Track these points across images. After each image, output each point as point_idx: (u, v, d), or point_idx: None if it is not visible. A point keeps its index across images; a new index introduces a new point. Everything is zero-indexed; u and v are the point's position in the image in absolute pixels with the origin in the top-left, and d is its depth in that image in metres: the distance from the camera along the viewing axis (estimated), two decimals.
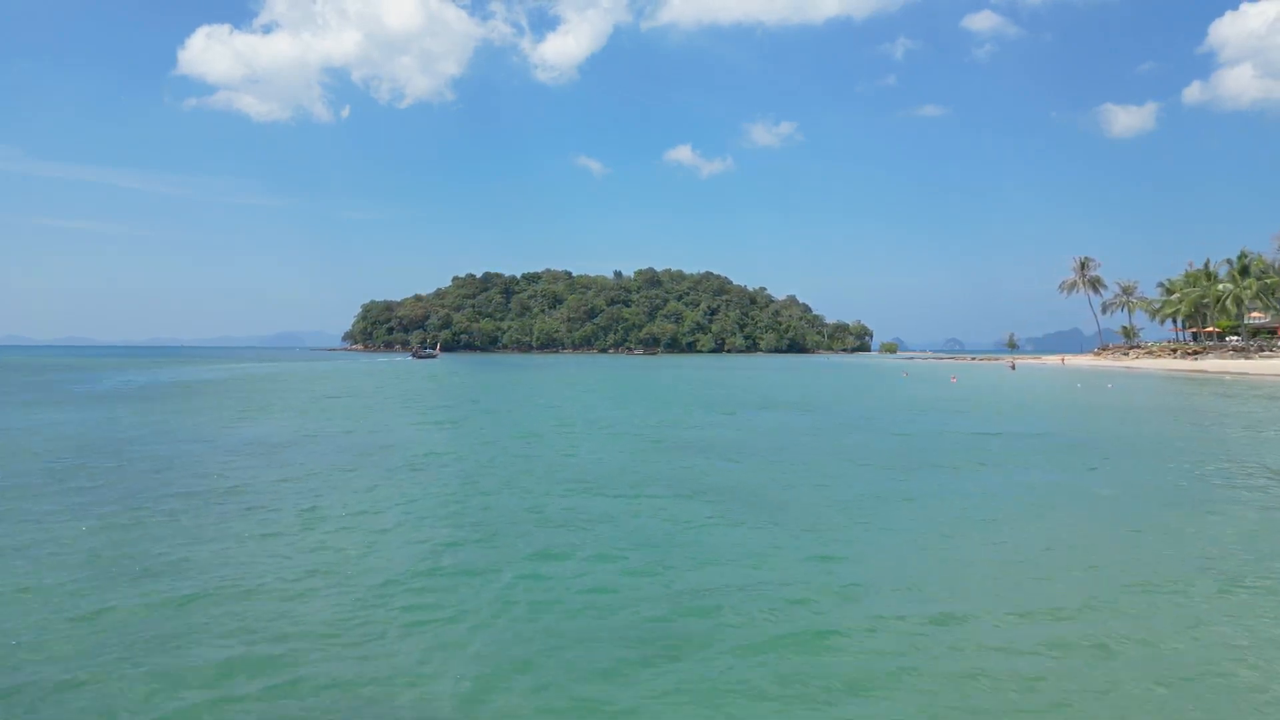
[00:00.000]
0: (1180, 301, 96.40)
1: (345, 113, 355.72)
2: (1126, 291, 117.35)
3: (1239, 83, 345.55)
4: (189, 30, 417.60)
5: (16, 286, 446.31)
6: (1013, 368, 78.60)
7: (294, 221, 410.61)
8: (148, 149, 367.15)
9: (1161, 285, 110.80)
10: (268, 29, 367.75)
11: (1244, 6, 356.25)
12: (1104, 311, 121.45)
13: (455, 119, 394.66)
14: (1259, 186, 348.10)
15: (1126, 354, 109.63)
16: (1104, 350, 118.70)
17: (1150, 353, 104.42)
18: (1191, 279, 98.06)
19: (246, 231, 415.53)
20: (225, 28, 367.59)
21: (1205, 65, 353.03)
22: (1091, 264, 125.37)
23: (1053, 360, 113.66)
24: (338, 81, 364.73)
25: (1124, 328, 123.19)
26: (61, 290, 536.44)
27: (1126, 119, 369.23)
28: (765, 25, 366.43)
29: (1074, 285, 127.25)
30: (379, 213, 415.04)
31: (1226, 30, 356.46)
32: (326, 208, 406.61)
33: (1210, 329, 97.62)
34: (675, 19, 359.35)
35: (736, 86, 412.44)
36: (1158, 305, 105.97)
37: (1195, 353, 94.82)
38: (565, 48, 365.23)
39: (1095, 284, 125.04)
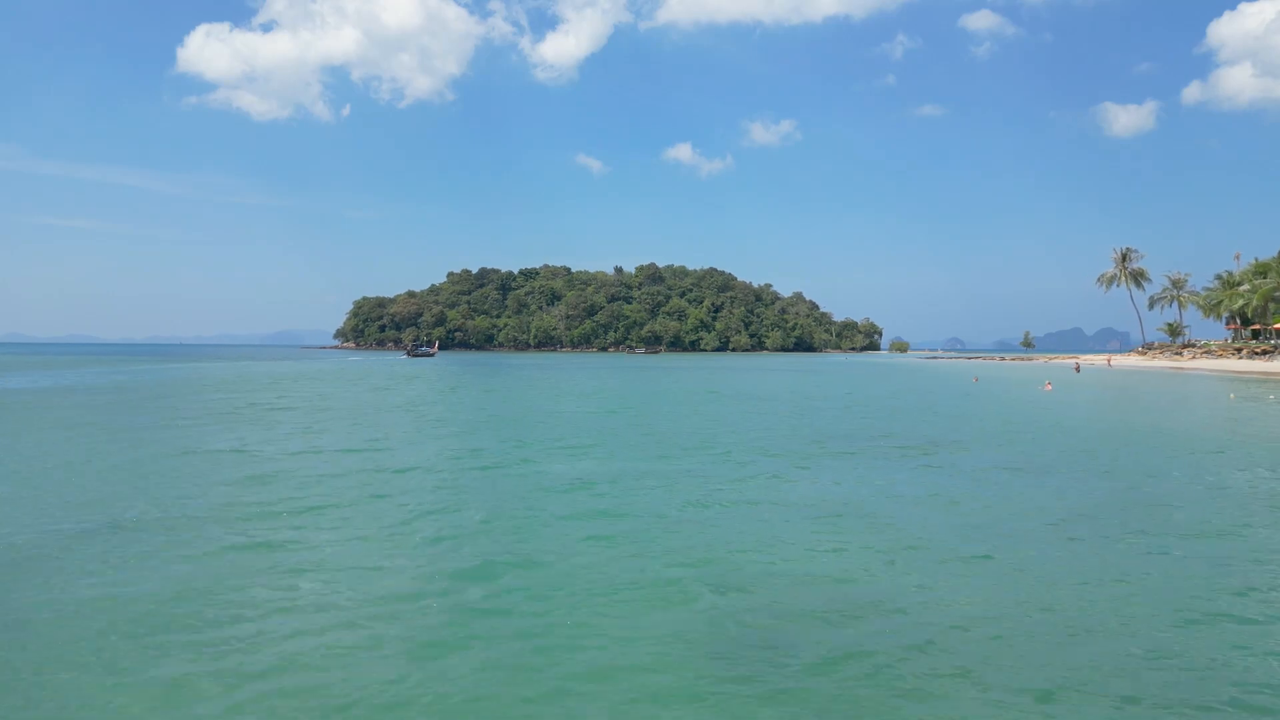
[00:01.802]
0: (1253, 293, 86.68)
1: (346, 111, 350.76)
2: (1176, 285, 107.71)
3: (1237, 82, 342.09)
4: (188, 28, 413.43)
5: (17, 284, 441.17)
6: (1077, 369, 69.16)
7: (294, 220, 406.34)
8: (147, 147, 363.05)
9: (1219, 277, 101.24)
10: (267, 27, 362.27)
11: (1242, 6, 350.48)
12: (1150, 307, 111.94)
13: (455, 118, 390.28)
14: (1258, 185, 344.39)
15: (1179, 353, 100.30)
16: (1150, 349, 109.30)
17: (1209, 352, 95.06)
18: (1261, 269, 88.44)
19: (246, 230, 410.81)
20: (225, 25, 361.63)
21: (1204, 65, 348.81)
22: (1134, 255, 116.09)
23: (1098, 360, 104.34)
24: (337, 80, 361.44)
25: (1169, 324, 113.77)
26: (62, 288, 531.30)
27: (1126, 118, 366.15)
28: (764, 25, 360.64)
29: (1114, 279, 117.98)
30: (378, 211, 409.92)
31: (1225, 30, 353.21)
32: (326, 206, 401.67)
33: (1277, 325, 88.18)
34: (674, 19, 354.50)
35: (736, 85, 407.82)
36: (1216, 299, 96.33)
37: (1264, 352, 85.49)
38: (565, 47, 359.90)
39: (1138, 277, 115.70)
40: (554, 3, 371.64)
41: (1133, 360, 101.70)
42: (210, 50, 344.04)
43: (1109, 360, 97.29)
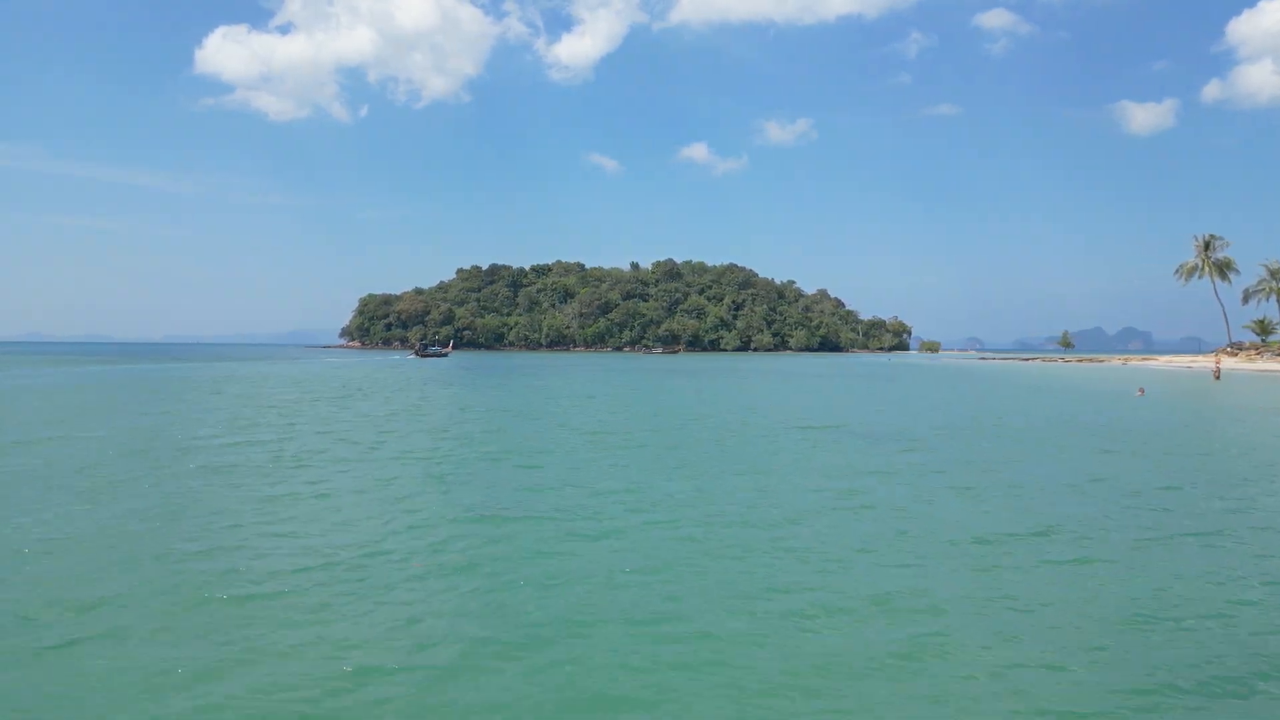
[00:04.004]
0: None
1: (364, 112, 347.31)
2: (1276, 275, 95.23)
3: (1258, 79, 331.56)
4: (207, 30, 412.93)
5: (35, 285, 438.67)
6: (1217, 376, 57.02)
7: (311, 220, 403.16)
8: (166, 148, 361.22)
9: None
10: (284, 29, 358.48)
11: (1261, 4, 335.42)
12: (1245, 301, 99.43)
13: (471, 119, 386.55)
14: (1278, 183, 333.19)
15: None
16: (1240, 349, 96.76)
17: None
18: None
19: (264, 230, 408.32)
20: (242, 27, 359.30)
21: (1223, 62, 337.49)
22: (1218, 243, 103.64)
23: (1179, 362, 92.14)
24: (354, 81, 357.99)
25: (1258, 321, 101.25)
26: (80, 288, 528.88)
27: (1144, 116, 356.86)
28: (777, 24, 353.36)
29: (1194, 270, 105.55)
30: (395, 211, 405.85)
31: (1244, 27, 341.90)
32: (342, 206, 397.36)
33: None
34: (686, 19, 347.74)
35: (750, 84, 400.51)
36: None
37: None
38: (580, 48, 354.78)
39: (1224, 268, 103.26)
40: (569, 3, 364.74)
41: (1234, 363, 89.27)
42: (228, 52, 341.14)
43: (1218, 362, 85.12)
